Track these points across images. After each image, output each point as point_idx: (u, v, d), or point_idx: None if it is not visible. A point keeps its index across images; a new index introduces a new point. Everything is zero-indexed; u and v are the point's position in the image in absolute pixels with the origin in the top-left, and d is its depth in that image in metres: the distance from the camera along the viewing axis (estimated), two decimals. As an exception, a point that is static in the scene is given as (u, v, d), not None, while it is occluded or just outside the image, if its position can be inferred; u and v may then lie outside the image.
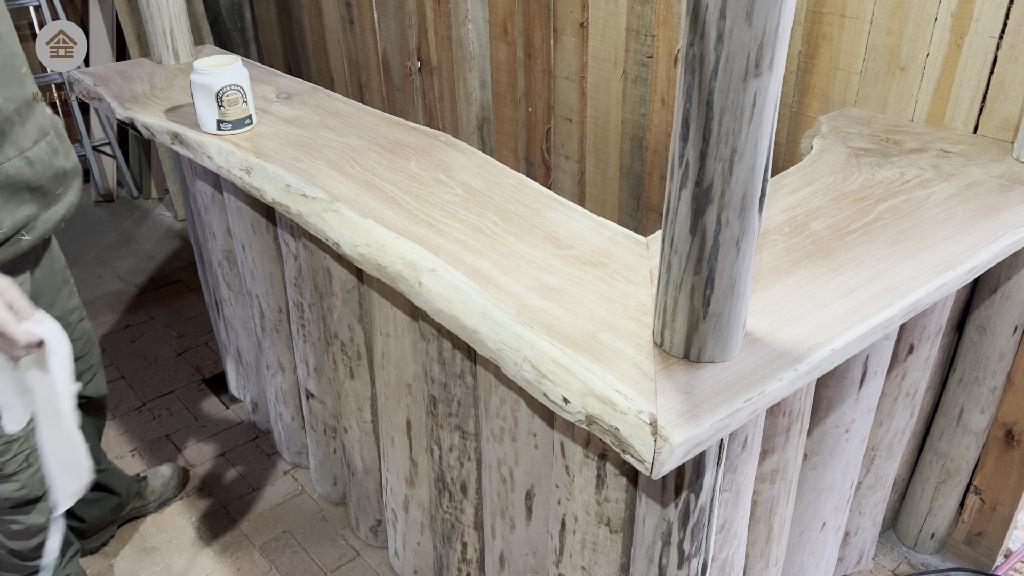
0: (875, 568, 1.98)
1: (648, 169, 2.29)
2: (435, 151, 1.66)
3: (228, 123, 1.71)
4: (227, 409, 2.55)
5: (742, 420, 1.00)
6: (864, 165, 1.57)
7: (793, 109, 1.95)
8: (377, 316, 1.59)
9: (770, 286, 1.21)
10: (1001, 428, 1.79)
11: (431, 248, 1.31)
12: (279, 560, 2.04)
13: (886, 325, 1.16)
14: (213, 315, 2.43)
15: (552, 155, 2.57)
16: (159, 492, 2.18)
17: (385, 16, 2.93)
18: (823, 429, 1.56)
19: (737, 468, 1.24)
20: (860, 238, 1.33)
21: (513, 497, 1.43)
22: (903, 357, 1.61)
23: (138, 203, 3.92)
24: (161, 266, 3.37)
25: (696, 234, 0.96)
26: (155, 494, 2.17)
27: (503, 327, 1.13)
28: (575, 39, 2.31)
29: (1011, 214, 1.40)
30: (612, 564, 1.26)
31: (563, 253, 1.30)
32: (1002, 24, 1.55)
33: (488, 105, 2.69)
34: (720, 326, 1.02)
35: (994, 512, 1.88)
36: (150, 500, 2.16)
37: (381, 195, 1.48)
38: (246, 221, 1.95)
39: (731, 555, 1.34)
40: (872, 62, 1.77)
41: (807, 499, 1.64)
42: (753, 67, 0.85)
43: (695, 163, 0.92)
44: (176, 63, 2.19)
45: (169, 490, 2.21)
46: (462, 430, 1.49)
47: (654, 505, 1.12)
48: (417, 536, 1.82)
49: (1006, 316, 1.65)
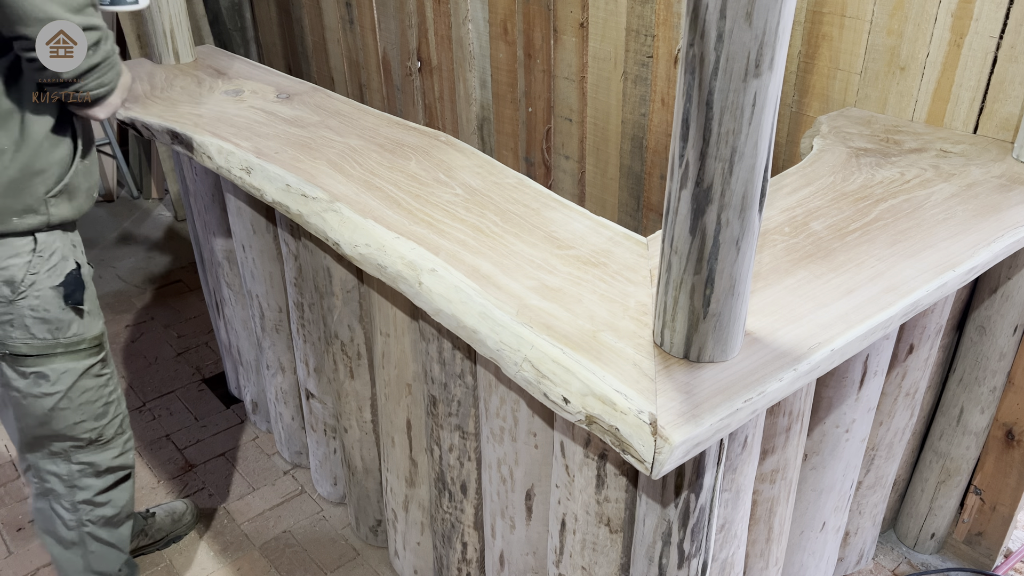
0: (875, 568, 1.98)
1: (648, 169, 2.29)
2: (435, 151, 1.67)
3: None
4: (227, 409, 2.55)
5: (742, 420, 1.00)
6: (864, 165, 1.57)
7: (793, 109, 1.95)
8: (377, 316, 1.59)
9: (770, 286, 1.21)
10: (1001, 428, 1.79)
11: (431, 248, 1.31)
12: (279, 560, 2.04)
13: (886, 325, 1.16)
14: (213, 315, 2.43)
15: (552, 155, 2.57)
16: (168, 529, 2.05)
17: (385, 16, 2.93)
18: (823, 429, 1.56)
19: (737, 468, 1.24)
20: (860, 238, 1.33)
21: (513, 497, 1.43)
22: (903, 357, 1.61)
23: (138, 203, 3.92)
24: (161, 266, 3.37)
25: (696, 234, 0.96)
26: (162, 532, 2.04)
27: (503, 327, 1.13)
28: (575, 39, 2.31)
29: (1011, 214, 1.40)
30: (612, 564, 1.26)
31: (563, 253, 1.30)
32: (1002, 24, 1.55)
33: (488, 105, 2.69)
34: (720, 326, 1.02)
35: (994, 512, 1.88)
36: (157, 539, 2.03)
37: (381, 195, 1.48)
38: (246, 221, 1.95)
39: (731, 555, 1.34)
40: (872, 62, 1.77)
41: (807, 499, 1.64)
42: (753, 67, 0.85)
43: (695, 163, 0.92)
44: (176, 63, 2.19)
45: (181, 527, 2.07)
46: (462, 430, 1.49)
47: (654, 505, 1.12)
48: (417, 536, 1.82)
49: (1006, 316, 1.65)
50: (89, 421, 1.56)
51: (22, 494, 2.23)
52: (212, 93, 1.98)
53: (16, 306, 1.43)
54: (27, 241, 1.42)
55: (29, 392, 1.48)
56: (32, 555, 2.05)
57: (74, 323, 1.50)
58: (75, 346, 1.50)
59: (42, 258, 1.43)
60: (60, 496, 1.61)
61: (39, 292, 1.44)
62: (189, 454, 2.37)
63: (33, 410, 1.50)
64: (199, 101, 1.92)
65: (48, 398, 1.49)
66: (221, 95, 1.96)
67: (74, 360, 1.51)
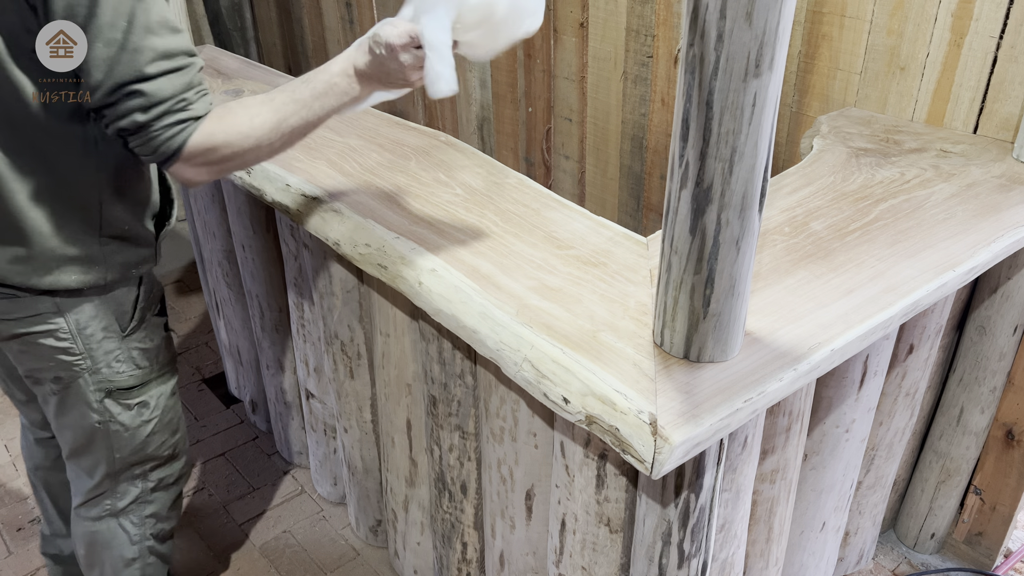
0: (875, 568, 1.98)
1: (648, 169, 2.29)
2: (435, 151, 1.66)
3: None
4: (227, 409, 2.55)
5: (742, 420, 1.00)
6: (864, 165, 1.57)
7: (793, 109, 1.95)
8: (377, 316, 1.59)
9: (770, 286, 1.21)
10: (1001, 428, 1.79)
11: (431, 248, 1.31)
12: (279, 560, 2.04)
13: (886, 325, 1.16)
14: (213, 315, 2.43)
15: (552, 155, 2.57)
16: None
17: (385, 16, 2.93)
18: (823, 429, 1.56)
19: (737, 468, 1.24)
20: (860, 238, 1.33)
21: (513, 497, 1.43)
22: (903, 357, 1.61)
23: (138, 203, 3.92)
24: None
25: (696, 234, 0.96)
26: None
27: (503, 327, 1.13)
28: (575, 39, 2.31)
29: (1011, 214, 1.40)
30: (612, 564, 1.26)
31: (563, 253, 1.30)
32: (1002, 24, 1.55)
33: (488, 105, 2.69)
34: (720, 326, 1.02)
35: (994, 512, 1.88)
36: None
37: (381, 195, 1.48)
38: (246, 221, 1.95)
39: (731, 555, 1.34)
40: (872, 62, 1.77)
41: (807, 499, 1.64)
42: (753, 67, 0.85)
43: (695, 163, 0.92)
44: (176, 63, 2.18)
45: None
46: (462, 430, 1.49)
47: (654, 505, 1.12)
48: (417, 536, 1.82)
49: (1006, 316, 1.65)
50: (169, 439, 1.56)
51: (22, 494, 2.23)
52: (212, 93, 1.98)
53: (127, 342, 1.41)
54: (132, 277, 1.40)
55: (132, 424, 1.46)
56: (32, 555, 2.05)
57: (166, 345, 1.49)
58: (165, 368, 1.50)
59: (145, 288, 1.42)
60: (130, 513, 1.59)
61: (146, 324, 1.43)
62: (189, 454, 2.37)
63: (134, 440, 1.48)
64: (199, 101, 1.92)
65: (147, 425, 1.49)
66: (221, 95, 1.96)
67: (164, 383, 1.50)
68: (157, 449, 1.53)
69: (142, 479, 1.56)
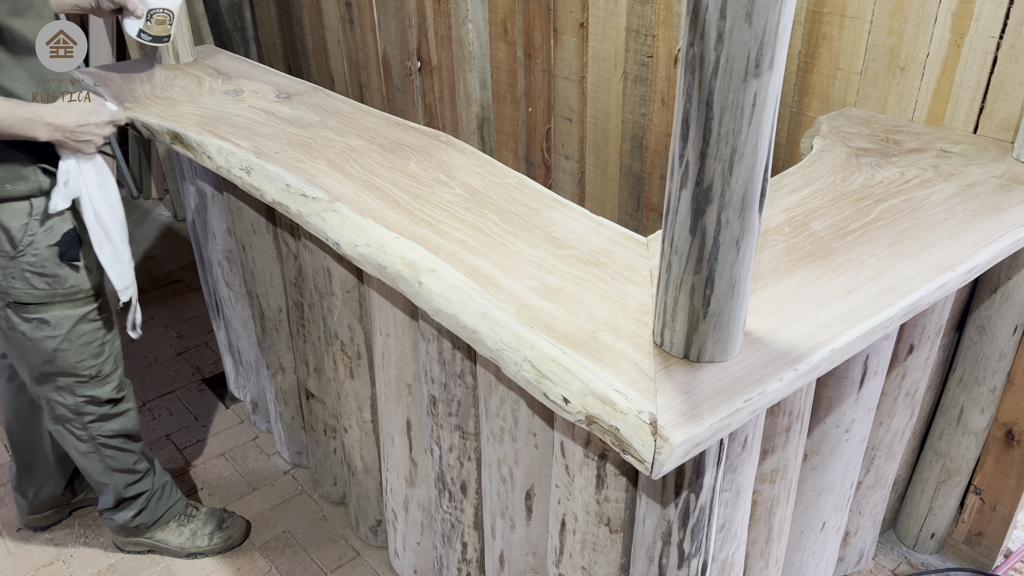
0: (875, 568, 1.98)
1: (648, 169, 2.29)
2: (435, 151, 1.66)
3: (148, 35, 1.94)
4: (227, 409, 2.55)
5: (742, 420, 1.00)
6: (864, 165, 1.57)
7: (793, 109, 1.95)
8: (377, 316, 1.59)
9: (770, 286, 1.21)
10: (1001, 428, 1.79)
11: (431, 248, 1.31)
12: (279, 560, 2.04)
13: (886, 325, 1.16)
14: (213, 315, 2.43)
15: (552, 155, 2.57)
16: (188, 537, 2.03)
17: (385, 16, 2.93)
18: (823, 429, 1.56)
19: (737, 468, 1.24)
20: (860, 238, 1.33)
21: (513, 497, 1.43)
22: (903, 357, 1.61)
23: (138, 203, 3.92)
24: (161, 266, 3.37)
25: (696, 234, 0.96)
26: (171, 517, 2.03)
27: (503, 327, 1.13)
28: (575, 39, 2.31)
29: (1011, 214, 1.40)
30: (612, 564, 1.26)
31: (563, 253, 1.30)
32: (1002, 24, 1.55)
33: (488, 105, 2.69)
34: (720, 326, 1.02)
35: (994, 512, 1.88)
36: (157, 517, 2.01)
37: (381, 195, 1.48)
38: (246, 221, 1.95)
39: (731, 555, 1.34)
40: (872, 62, 1.77)
41: (807, 499, 1.64)
42: (753, 67, 0.85)
43: (695, 163, 0.92)
44: (176, 63, 2.18)
45: (200, 538, 2.04)
46: (462, 430, 1.49)
47: (654, 505, 1.12)
48: (417, 536, 1.82)
49: (1006, 316, 1.65)
50: (88, 360, 1.73)
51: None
52: (212, 93, 1.98)
53: (16, 262, 1.58)
54: (24, 205, 1.56)
55: (32, 336, 1.66)
56: (32, 555, 2.05)
57: (70, 277, 1.65)
58: (72, 296, 1.67)
59: (37, 221, 1.57)
60: (70, 420, 1.79)
61: (36, 251, 1.59)
62: (189, 454, 2.37)
63: (37, 350, 1.68)
64: (199, 101, 1.92)
65: (50, 340, 1.67)
66: (221, 95, 1.96)
67: (72, 308, 1.68)
68: (74, 367, 1.72)
69: (69, 392, 1.75)
